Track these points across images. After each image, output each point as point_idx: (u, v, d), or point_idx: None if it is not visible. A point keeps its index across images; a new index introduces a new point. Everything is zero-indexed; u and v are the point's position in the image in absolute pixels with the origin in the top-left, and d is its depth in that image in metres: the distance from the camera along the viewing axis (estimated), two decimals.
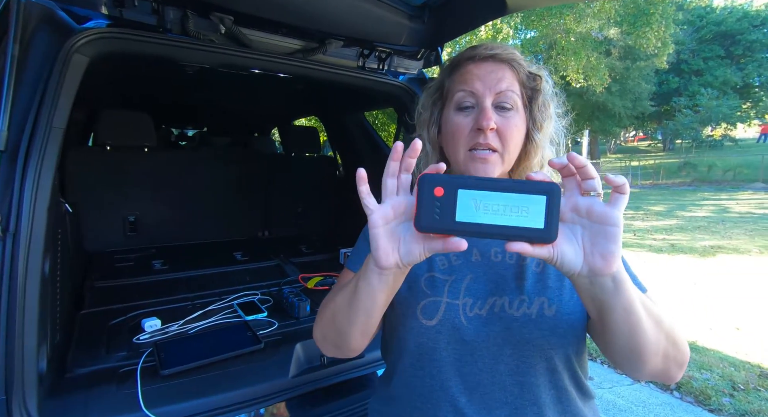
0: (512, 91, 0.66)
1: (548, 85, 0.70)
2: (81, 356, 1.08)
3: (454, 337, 0.63)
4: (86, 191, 1.92)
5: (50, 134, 0.88)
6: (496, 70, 0.66)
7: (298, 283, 1.73)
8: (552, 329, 0.61)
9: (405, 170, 0.48)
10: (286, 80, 2.02)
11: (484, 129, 0.63)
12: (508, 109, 0.66)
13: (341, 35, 1.44)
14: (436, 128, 0.74)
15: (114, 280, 1.63)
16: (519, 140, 0.67)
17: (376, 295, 0.54)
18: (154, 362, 1.07)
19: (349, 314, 0.58)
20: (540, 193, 0.41)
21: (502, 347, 0.62)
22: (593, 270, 0.44)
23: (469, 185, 0.42)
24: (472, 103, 0.66)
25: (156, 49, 1.18)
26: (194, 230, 2.31)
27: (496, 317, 0.62)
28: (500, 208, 0.41)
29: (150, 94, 2.64)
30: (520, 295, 0.63)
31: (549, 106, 0.70)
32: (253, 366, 1.10)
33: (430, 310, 0.64)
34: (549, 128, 0.70)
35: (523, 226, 0.41)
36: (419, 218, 0.43)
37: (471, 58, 0.68)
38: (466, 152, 0.66)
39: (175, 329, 1.27)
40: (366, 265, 0.53)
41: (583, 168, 0.44)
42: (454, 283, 0.66)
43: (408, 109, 1.71)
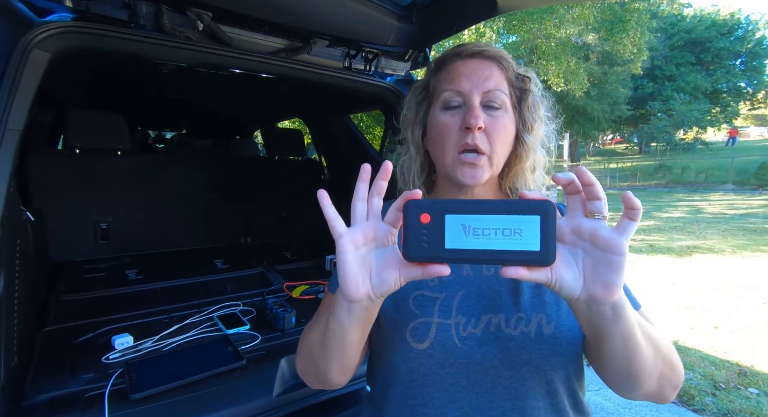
0: (500, 90, 0.63)
1: (537, 87, 0.68)
2: (42, 380, 0.98)
3: (447, 361, 0.58)
4: (53, 197, 1.80)
5: (4, 137, 0.79)
6: (483, 67, 0.64)
7: (282, 293, 1.65)
8: (552, 348, 0.56)
9: (376, 193, 0.45)
10: (269, 81, 1.95)
11: (472, 127, 0.60)
12: (496, 108, 0.63)
13: (327, 34, 1.38)
14: (420, 129, 0.71)
15: (83, 292, 1.52)
16: (508, 141, 0.65)
17: (347, 331, 0.50)
18: (124, 385, 0.98)
19: (324, 350, 0.55)
20: (533, 212, 0.38)
21: (500, 369, 0.57)
22: (593, 298, 0.41)
23: (457, 209, 0.40)
24: (459, 102, 0.64)
25: (126, 45, 1.10)
26: (172, 237, 2.20)
27: (491, 336, 0.58)
28: (491, 231, 0.39)
29: (124, 94, 2.52)
30: (517, 312, 0.59)
31: (539, 108, 0.67)
32: (235, 385, 1.03)
33: (420, 332, 0.59)
34: (540, 130, 0.67)
35: (518, 249, 0.38)
36: (407, 247, 0.40)
37: (458, 55, 0.66)
38: (455, 155, 0.63)
39: (149, 346, 1.18)
40: (334, 300, 0.50)
41: (592, 187, 0.40)
42: (444, 301, 0.61)
43: (396, 112, 1.65)
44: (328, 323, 0.51)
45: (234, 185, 2.36)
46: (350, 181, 0.59)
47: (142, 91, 2.44)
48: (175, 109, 3.03)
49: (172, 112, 3.16)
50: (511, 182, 0.70)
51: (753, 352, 2.84)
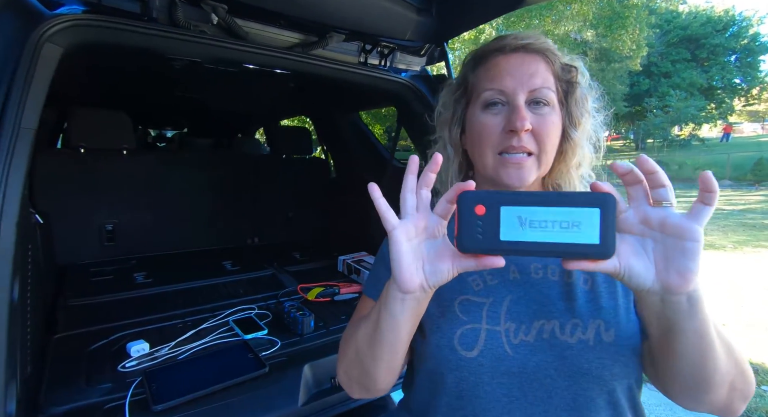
0: (547, 87, 0.58)
1: (584, 78, 0.63)
2: (57, 391, 0.94)
3: (499, 370, 0.54)
4: (57, 198, 1.75)
5: (19, 136, 0.74)
6: (528, 62, 0.59)
7: (297, 295, 1.61)
8: (613, 357, 0.53)
9: (424, 185, 0.45)
10: (277, 77, 1.89)
11: (519, 130, 0.56)
12: (543, 105, 0.58)
13: (344, 28, 1.33)
14: (459, 128, 0.67)
15: (91, 297, 1.47)
16: (556, 140, 0.60)
17: (400, 324, 0.49)
18: (144, 395, 0.94)
19: (373, 350, 0.53)
20: (592, 205, 0.37)
21: (556, 379, 0.53)
22: (668, 287, 0.40)
23: (513, 201, 0.39)
24: (502, 101, 0.59)
25: (139, 40, 1.05)
26: (178, 238, 2.15)
27: (546, 344, 0.54)
28: (548, 224, 0.38)
29: (126, 91, 2.46)
30: (572, 318, 0.55)
31: (587, 101, 0.63)
32: (258, 394, 0.99)
33: (468, 340, 0.55)
34: (587, 125, 0.63)
35: (576, 242, 0.38)
36: (462, 239, 0.40)
37: (499, 50, 0.61)
38: (496, 156, 0.59)
39: (165, 353, 1.13)
40: (386, 292, 0.49)
41: (655, 174, 0.39)
42: (492, 307, 0.57)
43: (412, 108, 1.62)
44: (380, 320, 0.50)
45: (240, 184, 2.31)
46: (360, 180, 0.53)
47: (143, 88, 2.38)
48: (177, 107, 2.97)
49: (174, 110, 3.10)
50: (555, 180, 0.66)
51: (763, 349, 2.84)
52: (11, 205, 0.72)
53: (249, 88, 2.35)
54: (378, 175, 2.19)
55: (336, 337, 1.26)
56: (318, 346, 1.21)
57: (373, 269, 0.69)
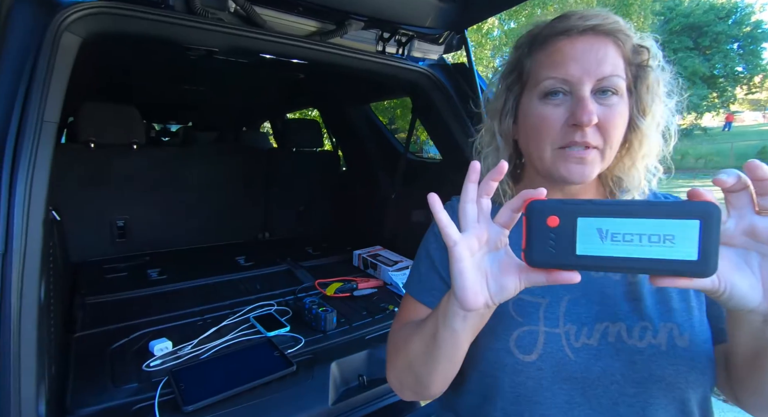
0: (617, 75, 0.52)
1: (656, 59, 0.56)
2: (83, 392, 0.92)
3: (560, 375, 0.51)
4: (67, 194, 1.71)
5: (42, 130, 0.71)
6: (596, 47, 0.52)
7: (315, 290, 1.58)
8: (689, 364, 0.49)
9: (485, 194, 0.42)
10: (287, 68, 1.85)
11: (584, 125, 0.50)
12: (611, 94, 0.52)
13: (363, 15, 1.29)
14: (511, 119, 0.61)
15: (107, 294, 1.45)
16: (623, 131, 0.55)
17: (461, 339, 0.46)
18: (172, 395, 0.92)
19: (428, 363, 0.50)
20: (691, 216, 0.32)
21: (623, 386, 0.50)
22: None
23: (592, 212, 0.35)
24: (564, 90, 0.53)
25: (157, 28, 1.01)
26: (190, 234, 2.12)
27: (611, 348, 0.50)
28: (634, 237, 0.34)
29: (130, 85, 2.41)
30: (641, 321, 0.51)
31: (659, 85, 0.56)
32: (288, 393, 0.97)
33: (526, 343, 0.52)
34: (657, 112, 0.56)
35: (668, 258, 0.33)
36: (531, 252, 0.37)
37: (564, 33, 0.53)
38: (555, 150, 0.53)
39: (188, 351, 1.11)
40: (445, 307, 0.45)
41: (766, 181, 0.34)
42: (549, 307, 0.53)
43: (431, 99, 1.58)
44: (438, 335, 0.47)
45: (250, 178, 2.27)
46: (372, 173, 0.49)
47: (148, 81, 2.33)
48: (183, 101, 2.93)
49: (179, 104, 3.05)
50: (617, 174, 0.60)
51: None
52: (37, 203, 0.69)
53: (256, 80, 2.30)
54: (390, 169, 2.15)
55: (359, 334, 1.24)
56: (343, 343, 1.18)
57: (415, 267, 0.65)
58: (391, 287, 1.62)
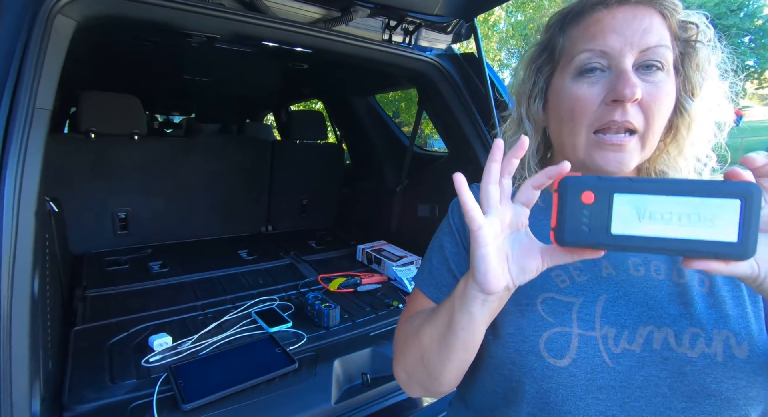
0: (665, 45, 0.46)
1: (707, 36, 0.50)
2: (80, 388, 0.89)
3: (595, 383, 0.45)
4: (68, 185, 1.69)
5: (34, 117, 0.67)
6: (639, 16, 0.46)
7: (318, 285, 1.56)
8: (750, 377, 0.43)
9: (507, 173, 0.40)
10: (290, 57, 1.81)
11: (626, 100, 0.45)
12: (656, 69, 0.46)
13: (370, 2, 1.24)
14: (540, 102, 0.55)
15: (108, 287, 1.43)
16: (668, 114, 0.49)
17: (478, 324, 0.44)
18: (171, 392, 0.89)
19: (442, 353, 0.47)
20: (732, 195, 0.31)
21: (670, 399, 0.44)
22: None
23: (629, 188, 0.33)
24: (602, 66, 0.47)
25: (155, 12, 0.97)
26: (192, 226, 2.10)
27: (657, 356, 0.45)
28: (672, 216, 0.32)
29: (133, 75, 2.37)
30: (691, 327, 0.45)
31: (710, 63, 0.50)
32: (290, 391, 0.94)
33: (558, 345, 0.47)
34: (708, 94, 0.50)
35: (706, 239, 0.32)
36: (563, 231, 0.35)
37: (601, 2, 0.48)
38: (590, 135, 0.48)
39: (188, 347, 1.09)
40: (463, 292, 0.43)
41: None
42: (584, 307, 0.48)
43: (438, 89, 1.53)
44: (453, 320, 0.45)
45: (254, 171, 2.24)
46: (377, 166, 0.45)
47: (151, 71, 2.30)
48: (186, 91, 2.89)
49: (182, 95, 3.01)
50: (659, 164, 0.54)
51: None
52: (29, 193, 0.66)
53: (259, 70, 2.26)
54: (396, 162, 2.11)
55: (363, 330, 1.21)
56: (346, 340, 1.16)
57: (427, 259, 0.61)
58: (395, 283, 1.59)
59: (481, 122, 1.45)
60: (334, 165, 2.47)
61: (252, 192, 2.26)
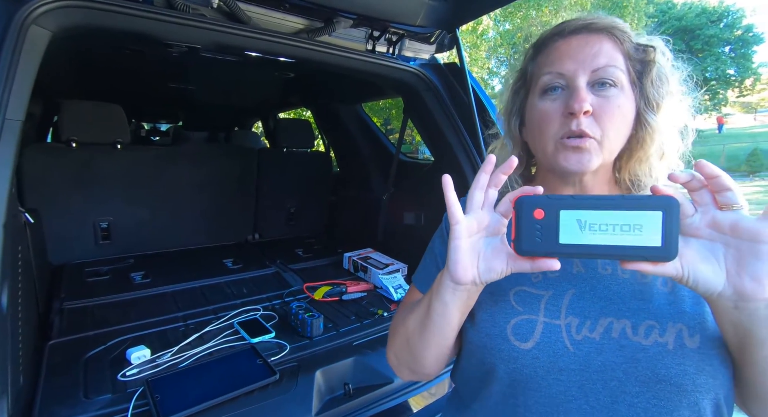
0: (613, 65, 0.53)
1: (665, 57, 0.56)
2: (52, 404, 0.87)
3: (557, 366, 0.50)
4: (49, 195, 1.66)
5: (4, 128, 0.67)
6: (591, 42, 0.54)
7: (303, 295, 1.55)
8: (698, 365, 0.47)
9: (494, 185, 0.47)
10: (276, 66, 1.81)
11: (576, 113, 0.51)
12: (608, 86, 0.53)
13: (352, 13, 1.25)
14: (518, 120, 0.64)
15: (87, 299, 1.40)
16: (624, 124, 0.55)
17: (450, 311, 0.51)
18: (147, 407, 0.87)
19: (422, 336, 0.55)
20: (655, 208, 0.38)
21: (625, 383, 0.48)
22: (741, 293, 0.39)
23: (572, 205, 0.40)
24: (561, 85, 0.55)
25: (134, 23, 0.97)
26: (176, 236, 2.07)
27: (614, 344, 0.49)
28: (609, 227, 0.39)
29: (118, 82, 2.36)
30: (648, 319, 0.49)
31: (668, 82, 0.56)
32: (269, 404, 0.93)
33: (523, 331, 0.52)
34: (670, 108, 0.56)
35: (637, 245, 0.38)
36: (520, 241, 0.41)
37: (558, 34, 0.57)
38: (557, 142, 0.55)
39: (167, 359, 1.07)
40: (439, 281, 0.51)
41: (717, 178, 0.38)
42: (552, 299, 0.53)
43: (422, 98, 1.55)
44: (431, 306, 0.52)
45: (240, 179, 2.22)
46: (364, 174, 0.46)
47: (136, 79, 2.28)
48: (172, 99, 2.87)
49: (169, 103, 2.99)
50: (632, 172, 0.59)
51: None
52: None
53: (246, 79, 2.26)
54: (383, 170, 2.12)
55: (347, 340, 1.21)
56: (329, 350, 1.15)
57: (423, 260, 0.69)
58: (380, 291, 1.58)
59: (464, 130, 1.47)
60: (322, 173, 2.47)
61: (238, 200, 2.25)
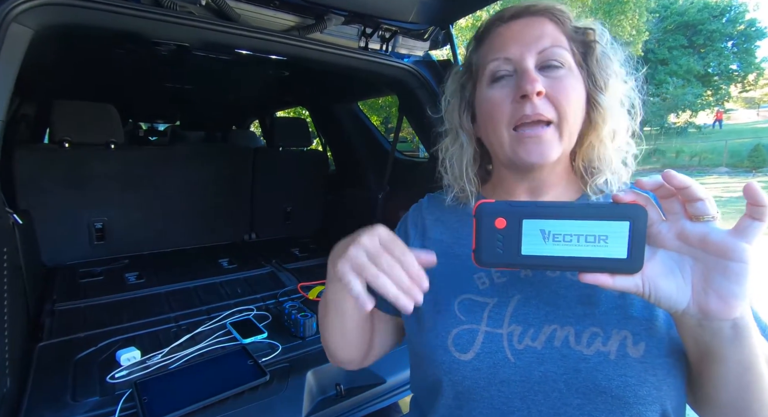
0: (559, 45, 0.51)
1: (605, 38, 0.55)
2: (39, 407, 0.86)
3: (498, 377, 0.48)
4: (42, 196, 1.65)
5: None
6: (532, 25, 0.53)
7: (297, 294, 1.54)
8: (640, 376, 0.44)
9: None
10: (270, 65, 1.80)
11: (529, 94, 0.49)
12: (557, 67, 0.51)
13: (343, 10, 1.24)
14: (469, 115, 0.61)
15: (80, 300, 1.40)
16: (578, 106, 0.53)
17: (341, 301, 0.52)
18: (134, 409, 0.87)
19: (324, 320, 0.57)
20: (622, 218, 0.36)
21: (566, 395, 0.46)
22: (706, 312, 0.36)
23: (536, 214, 0.38)
24: (509, 71, 0.52)
25: (119, 21, 0.95)
26: (172, 235, 2.06)
27: (556, 353, 0.47)
28: (573, 237, 0.37)
29: (114, 82, 2.35)
30: (592, 326, 0.47)
31: (612, 61, 0.55)
32: (259, 405, 0.92)
33: (463, 341, 0.50)
34: (617, 88, 0.55)
35: (602, 257, 0.37)
36: (480, 252, 0.39)
37: (499, 20, 0.55)
38: (511, 132, 0.52)
39: (158, 361, 1.06)
40: (337, 288, 0.51)
41: (687, 189, 0.35)
42: (496, 308, 0.51)
43: (416, 96, 1.53)
44: (327, 290, 0.53)
45: (236, 178, 2.22)
46: (360, 172, 0.45)
47: (132, 79, 2.27)
48: (168, 99, 2.86)
49: (164, 102, 2.98)
50: (586, 157, 0.57)
51: None
52: None
53: (242, 77, 2.25)
54: (378, 169, 2.11)
55: None
56: (321, 350, 1.13)
57: None
58: None
59: None
60: (318, 172, 2.46)
61: (234, 200, 2.24)
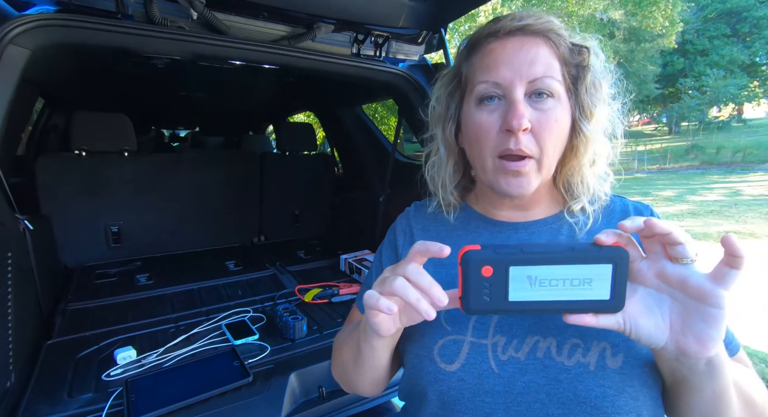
0: (550, 76, 0.50)
1: (598, 60, 0.54)
2: (36, 402, 0.92)
3: (482, 387, 0.49)
4: (62, 202, 1.77)
5: None
6: (527, 47, 0.50)
7: (294, 297, 1.57)
8: (618, 386, 0.46)
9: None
10: (276, 72, 1.85)
11: (515, 131, 0.49)
12: (545, 97, 0.50)
13: (331, 18, 1.26)
14: (453, 125, 0.60)
15: (91, 300, 1.48)
16: (561, 138, 0.52)
17: (379, 353, 0.52)
18: (122, 407, 0.91)
19: (356, 368, 0.56)
20: (605, 261, 0.38)
21: (547, 405, 0.47)
22: (683, 351, 0.38)
23: (522, 261, 0.38)
24: (498, 95, 0.52)
25: (112, 38, 1.01)
26: (184, 238, 2.15)
27: (539, 364, 0.48)
28: (559, 282, 0.38)
29: (133, 91, 2.47)
30: (573, 338, 0.48)
31: (601, 87, 0.53)
32: (240, 405, 0.94)
33: (449, 352, 0.52)
34: (602, 115, 0.54)
35: (587, 299, 0.38)
36: (467, 301, 0.40)
37: (493, 35, 0.53)
38: (495, 159, 0.52)
39: (152, 360, 1.11)
40: (363, 329, 0.50)
41: (668, 235, 0.36)
42: (481, 318, 0.52)
43: (410, 100, 1.53)
44: (360, 348, 0.52)
45: (245, 183, 2.29)
46: (366, 175, 0.46)
47: (149, 88, 2.38)
48: (185, 106, 2.98)
49: (182, 110, 3.11)
50: (566, 179, 0.57)
51: None
52: None
53: (251, 84, 2.32)
54: (382, 170, 2.11)
55: (329, 342, 1.21)
56: (309, 352, 1.16)
57: (366, 281, 0.68)
58: None
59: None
60: (324, 175, 2.50)
61: (243, 203, 2.31)
